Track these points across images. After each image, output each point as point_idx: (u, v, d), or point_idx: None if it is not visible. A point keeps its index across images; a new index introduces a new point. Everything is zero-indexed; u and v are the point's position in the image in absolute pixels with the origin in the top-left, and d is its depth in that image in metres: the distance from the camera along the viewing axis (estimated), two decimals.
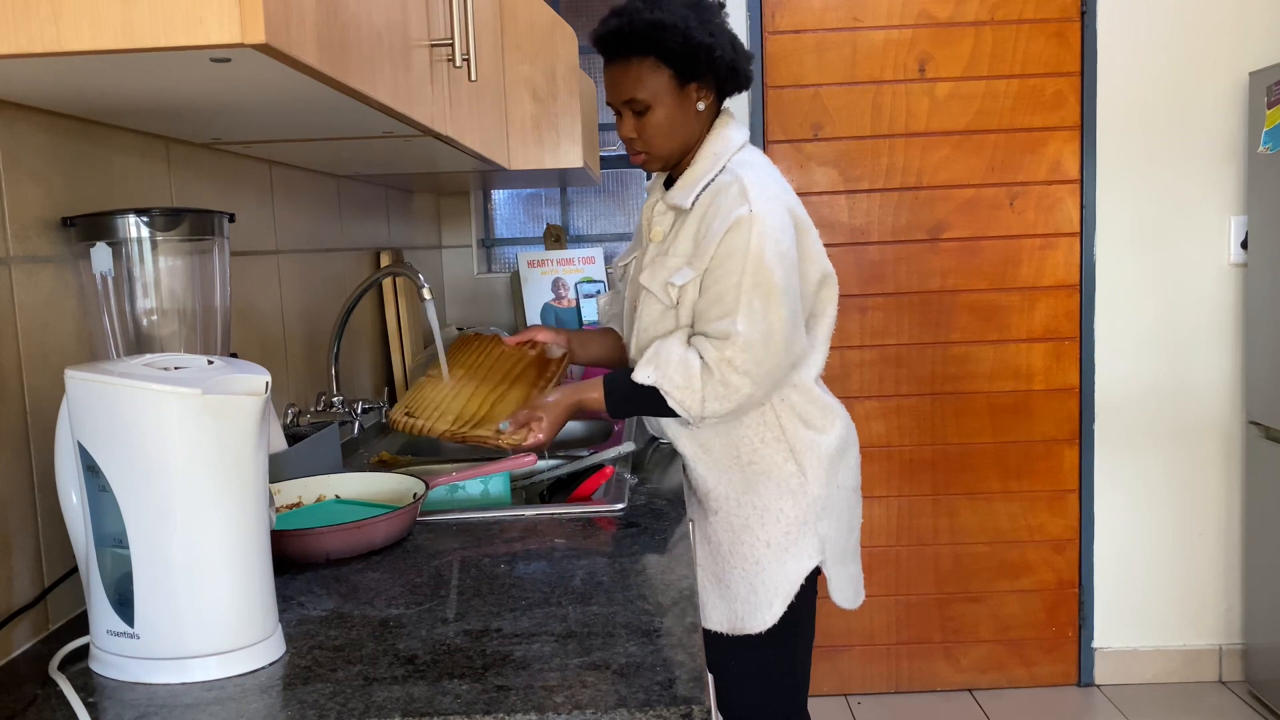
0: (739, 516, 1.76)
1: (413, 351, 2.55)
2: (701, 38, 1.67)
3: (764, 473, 1.74)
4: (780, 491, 1.74)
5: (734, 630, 1.77)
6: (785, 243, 1.66)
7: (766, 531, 1.74)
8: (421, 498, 1.44)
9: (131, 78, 0.96)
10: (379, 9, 1.16)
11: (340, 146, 1.62)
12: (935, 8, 3.02)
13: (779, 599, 1.74)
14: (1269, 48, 3.00)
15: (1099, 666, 3.21)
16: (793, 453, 1.75)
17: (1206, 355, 3.11)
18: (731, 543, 1.76)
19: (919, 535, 3.19)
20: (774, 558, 1.74)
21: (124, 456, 0.94)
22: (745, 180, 1.67)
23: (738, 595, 1.76)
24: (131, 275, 1.18)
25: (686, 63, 1.68)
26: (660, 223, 1.79)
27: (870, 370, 3.14)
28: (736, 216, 1.63)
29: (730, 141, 1.76)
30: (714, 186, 1.71)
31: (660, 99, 1.70)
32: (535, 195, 3.28)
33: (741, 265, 1.62)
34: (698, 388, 1.64)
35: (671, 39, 1.66)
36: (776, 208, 1.67)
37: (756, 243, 1.62)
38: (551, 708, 0.87)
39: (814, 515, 1.75)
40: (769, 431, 1.74)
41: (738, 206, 1.64)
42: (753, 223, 1.62)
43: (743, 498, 1.75)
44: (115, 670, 0.98)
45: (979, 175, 3.08)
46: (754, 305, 1.62)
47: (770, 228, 1.63)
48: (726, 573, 1.77)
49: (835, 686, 3.24)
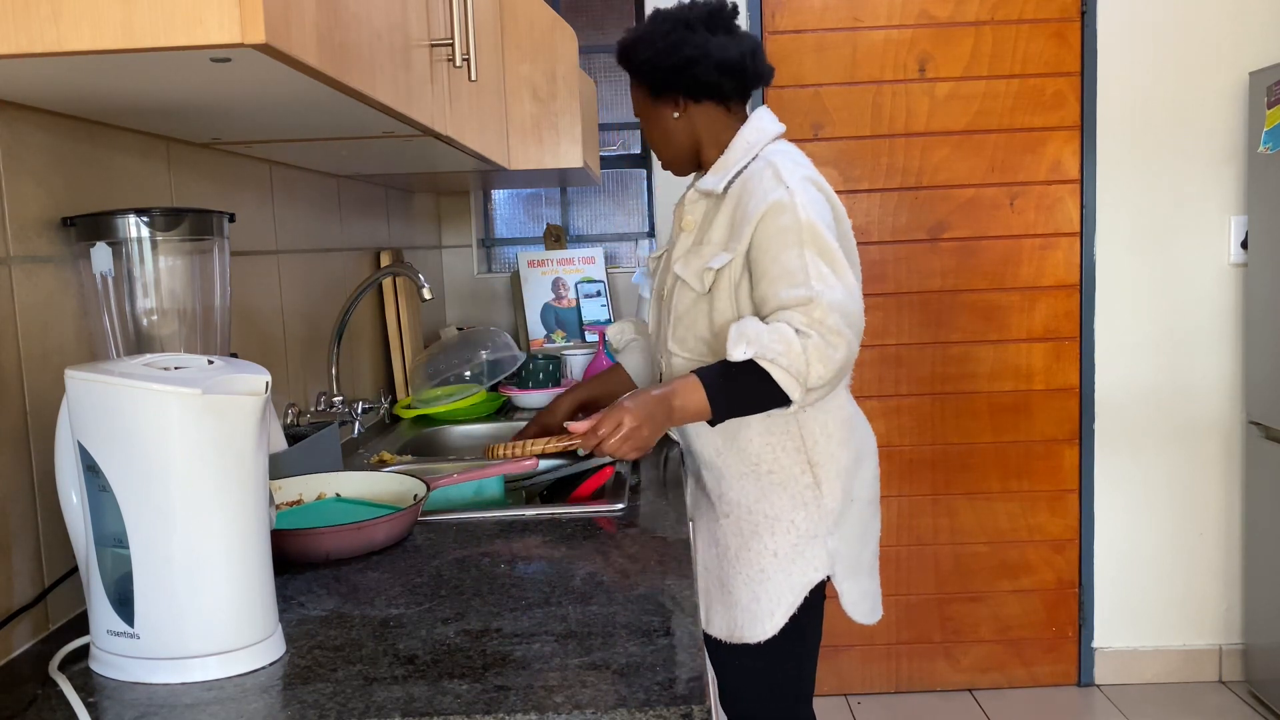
0: (749, 523, 1.74)
1: (413, 351, 2.55)
2: (644, 54, 1.74)
3: (780, 483, 1.72)
4: (794, 503, 1.72)
5: (732, 638, 1.75)
6: (830, 214, 1.68)
7: (775, 541, 1.72)
8: (423, 499, 1.44)
9: (131, 78, 0.96)
10: (379, 9, 1.16)
11: (340, 146, 1.62)
12: (935, 8, 3.02)
13: (781, 609, 1.72)
14: (1269, 48, 3.00)
15: (1099, 666, 3.21)
16: (810, 464, 1.72)
17: (1206, 355, 3.11)
18: (739, 549, 1.75)
19: (919, 535, 3.19)
20: (780, 568, 1.72)
21: (124, 456, 0.94)
22: (779, 165, 1.69)
23: (739, 603, 1.74)
24: (131, 275, 1.18)
25: (645, 76, 1.77)
26: (692, 211, 1.81)
27: (870, 370, 3.14)
28: (776, 199, 1.63)
29: (764, 132, 1.77)
30: (747, 173, 1.73)
31: (643, 111, 1.83)
32: (535, 195, 3.28)
33: (799, 238, 1.60)
34: (799, 350, 1.53)
35: (629, 57, 1.78)
36: (812, 189, 1.68)
37: (805, 215, 1.62)
38: (551, 708, 0.87)
39: (825, 529, 1.73)
40: (790, 441, 1.72)
41: (774, 189, 1.64)
42: (794, 200, 1.63)
43: (755, 505, 1.73)
44: (115, 670, 0.98)
45: (979, 175, 3.08)
46: (823, 270, 1.59)
47: (811, 203, 1.64)
48: (730, 578, 1.76)
49: (835, 686, 3.24)
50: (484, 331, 2.52)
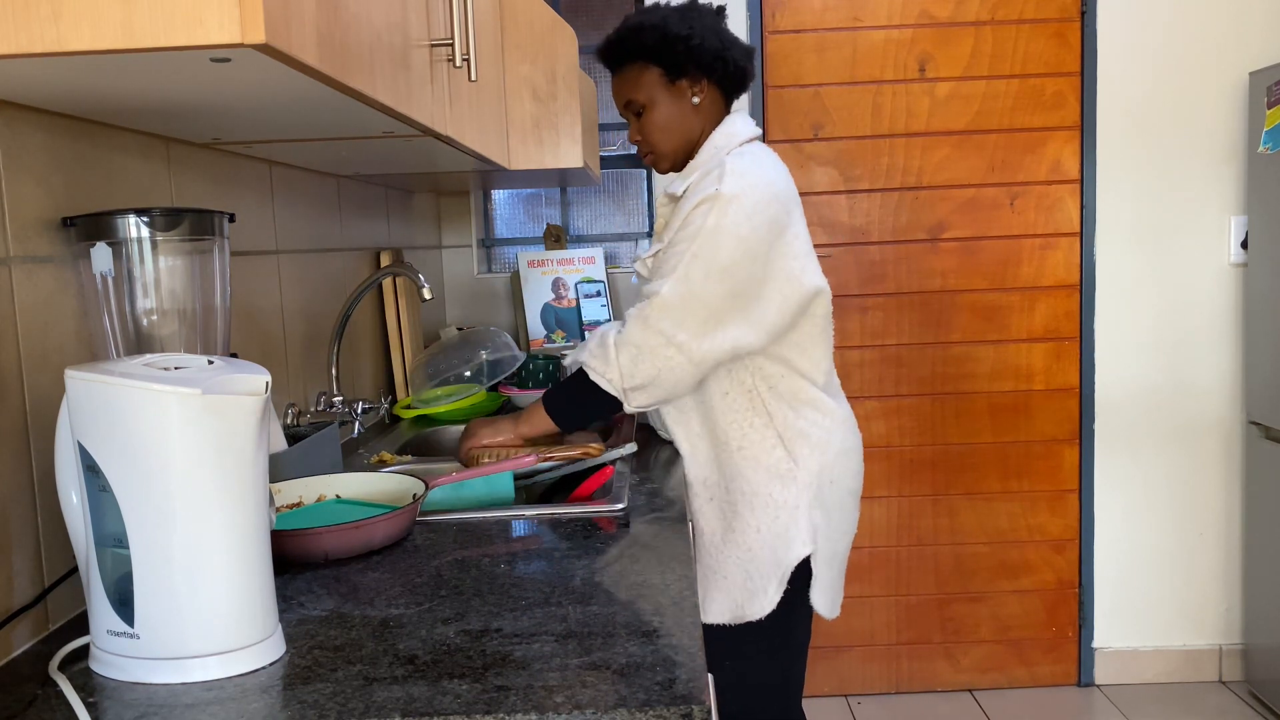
0: (729, 504, 1.77)
1: (413, 351, 2.55)
2: (678, 30, 1.74)
3: (753, 459, 1.75)
4: (769, 476, 1.75)
5: (736, 619, 1.77)
6: (747, 228, 1.65)
7: (756, 517, 1.75)
8: (421, 498, 1.44)
9: (131, 78, 0.96)
10: (379, 9, 1.16)
11: (340, 146, 1.62)
12: (935, 8, 3.02)
13: (773, 584, 1.74)
14: (1269, 48, 3.00)
15: (1099, 666, 3.21)
16: (781, 439, 1.75)
17: (1206, 355, 3.11)
18: (725, 531, 1.78)
19: (919, 535, 3.19)
20: (765, 544, 1.75)
21: (124, 456, 0.94)
22: (727, 165, 1.69)
23: (735, 584, 1.77)
24: (131, 275, 1.18)
25: (669, 57, 1.76)
26: (662, 214, 1.85)
27: (870, 370, 3.14)
28: (703, 194, 1.67)
29: (734, 135, 1.78)
30: (702, 172, 1.75)
31: (654, 97, 1.79)
32: (535, 195, 3.28)
33: (694, 237, 1.64)
34: (612, 355, 1.65)
35: (650, 37, 1.76)
36: (752, 195, 1.66)
37: (714, 220, 1.64)
38: (551, 708, 0.87)
39: (805, 501, 1.75)
40: (757, 417, 1.75)
41: (707, 189, 1.67)
42: (715, 201, 1.65)
43: (731, 484, 1.76)
44: (115, 670, 0.98)
45: (979, 175, 3.08)
46: (690, 274, 1.63)
47: (735, 209, 1.64)
48: (721, 562, 1.78)
49: (835, 687, 3.24)
50: (484, 331, 2.52)
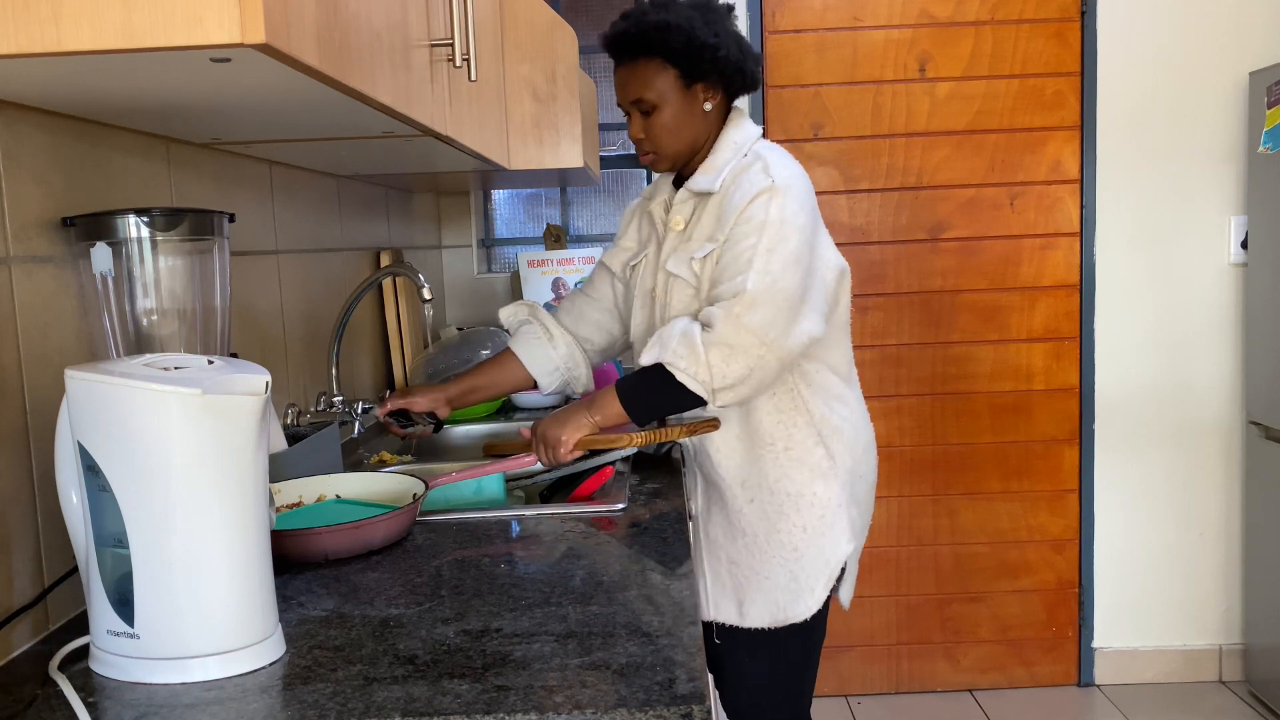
0: (773, 504, 1.75)
1: (413, 351, 2.55)
2: (706, 38, 1.69)
3: (796, 459, 1.74)
4: (812, 475, 1.74)
5: (777, 622, 1.76)
6: (804, 217, 1.67)
7: (802, 517, 1.74)
8: (421, 498, 1.44)
9: (131, 78, 0.96)
10: (379, 9, 1.16)
11: (340, 146, 1.62)
12: (935, 8, 3.02)
13: (820, 583, 1.74)
14: (1269, 48, 3.00)
15: (1099, 666, 3.21)
16: (820, 437, 1.75)
17: (1206, 355, 3.11)
18: (768, 532, 1.76)
19: (919, 535, 3.19)
20: (811, 542, 1.74)
21: (124, 456, 0.94)
22: (768, 159, 1.70)
23: (778, 585, 1.75)
24: (131, 275, 1.18)
25: (691, 62, 1.71)
26: (680, 211, 1.81)
27: (870, 370, 3.14)
28: (759, 188, 1.65)
29: (749, 133, 1.79)
30: (738, 167, 1.74)
31: (666, 98, 1.73)
32: (535, 195, 3.28)
33: (760, 229, 1.63)
34: (702, 355, 1.58)
35: (675, 39, 1.69)
36: (799, 184, 1.69)
37: (776, 211, 1.63)
38: (551, 708, 0.88)
39: (845, 498, 1.76)
40: (798, 415, 1.74)
41: (761, 180, 1.67)
42: (774, 193, 1.64)
43: (777, 485, 1.75)
44: (115, 670, 0.98)
45: (979, 175, 3.08)
46: (769, 267, 1.61)
47: (792, 200, 1.65)
48: (764, 563, 1.76)
49: (835, 687, 3.24)
50: (484, 331, 2.52)
